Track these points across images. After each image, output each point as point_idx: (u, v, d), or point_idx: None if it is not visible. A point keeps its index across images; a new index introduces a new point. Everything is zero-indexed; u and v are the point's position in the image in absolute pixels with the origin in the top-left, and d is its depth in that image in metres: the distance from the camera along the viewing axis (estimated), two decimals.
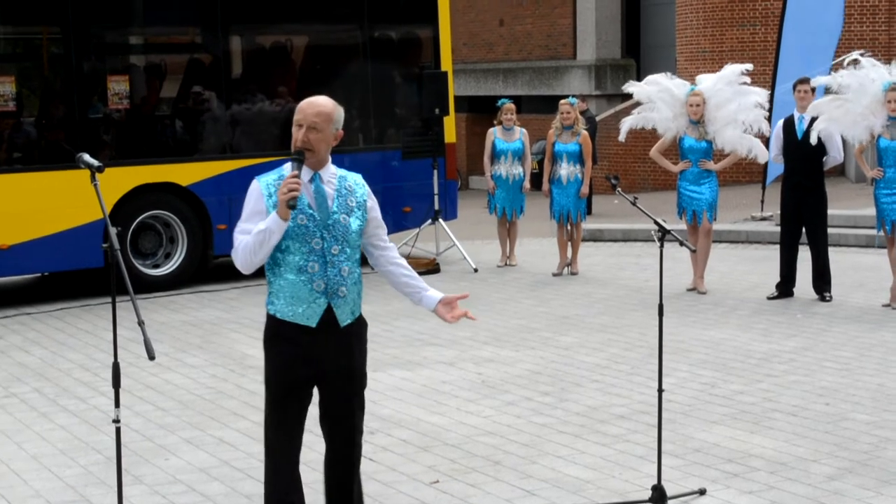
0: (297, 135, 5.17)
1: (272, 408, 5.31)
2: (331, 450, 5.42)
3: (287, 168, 5.18)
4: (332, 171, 5.30)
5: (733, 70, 12.75)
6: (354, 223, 5.27)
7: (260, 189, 5.20)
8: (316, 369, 5.26)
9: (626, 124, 13.33)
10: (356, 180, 5.36)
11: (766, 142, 12.87)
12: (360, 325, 5.38)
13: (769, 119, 13.20)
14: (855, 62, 11.89)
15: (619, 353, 10.07)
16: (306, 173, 5.20)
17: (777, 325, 11.10)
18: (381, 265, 5.48)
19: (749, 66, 12.88)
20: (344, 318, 5.27)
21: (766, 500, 6.46)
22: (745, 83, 12.75)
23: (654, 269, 13.15)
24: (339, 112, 5.28)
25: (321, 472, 5.48)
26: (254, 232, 5.11)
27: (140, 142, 14.00)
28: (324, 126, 5.19)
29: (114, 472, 5.58)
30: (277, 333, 5.27)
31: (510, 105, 15.02)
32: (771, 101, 13.97)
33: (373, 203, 5.39)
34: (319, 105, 5.21)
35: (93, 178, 5.22)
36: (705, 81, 12.86)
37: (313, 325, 5.21)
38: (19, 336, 11.38)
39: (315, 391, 5.37)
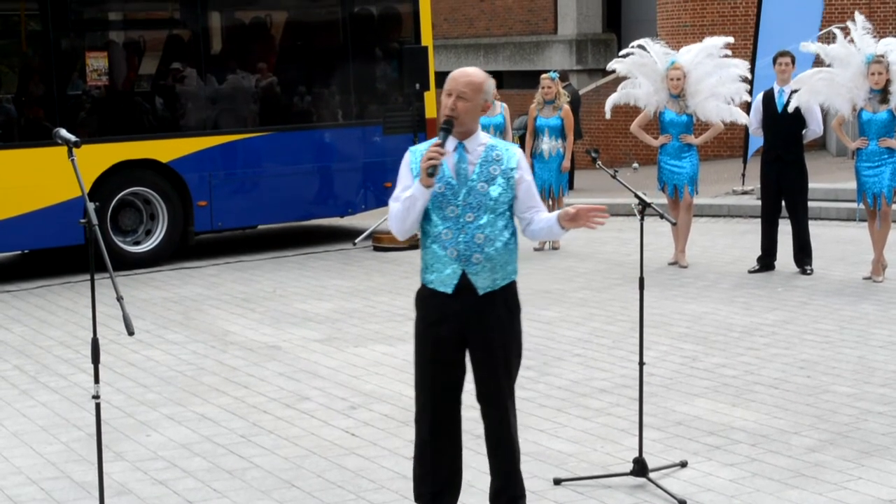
0: (447, 103, 5.26)
1: (419, 369, 5.45)
2: (485, 416, 5.53)
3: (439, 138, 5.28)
4: (480, 141, 5.37)
5: (714, 43, 12.73)
6: (495, 190, 5.32)
7: (408, 159, 5.35)
8: (458, 333, 5.34)
9: (611, 101, 13.34)
10: (508, 151, 5.40)
11: (748, 112, 12.85)
12: (505, 293, 5.40)
13: (750, 92, 13.17)
14: (844, 30, 11.82)
15: (600, 327, 10.08)
16: (451, 143, 5.29)
17: (758, 298, 11.12)
18: (526, 235, 5.59)
19: (730, 40, 12.86)
20: (483, 286, 5.32)
21: (748, 472, 6.48)
22: (726, 55, 12.74)
23: (635, 243, 13.16)
24: (490, 83, 5.41)
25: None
26: (401, 199, 5.25)
27: (119, 118, 13.92)
28: (472, 96, 5.30)
29: (95, 449, 5.56)
30: (422, 298, 5.42)
31: None
32: (752, 74, 13.95)
33: (522, 176, 5.39)
34: (470, 75, 5.33)
35: (70, 153, 5.20)
36: (688, 53, 12.81)
37: (450, 292, 5.31)
38: (0, 314, 11.35)
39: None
